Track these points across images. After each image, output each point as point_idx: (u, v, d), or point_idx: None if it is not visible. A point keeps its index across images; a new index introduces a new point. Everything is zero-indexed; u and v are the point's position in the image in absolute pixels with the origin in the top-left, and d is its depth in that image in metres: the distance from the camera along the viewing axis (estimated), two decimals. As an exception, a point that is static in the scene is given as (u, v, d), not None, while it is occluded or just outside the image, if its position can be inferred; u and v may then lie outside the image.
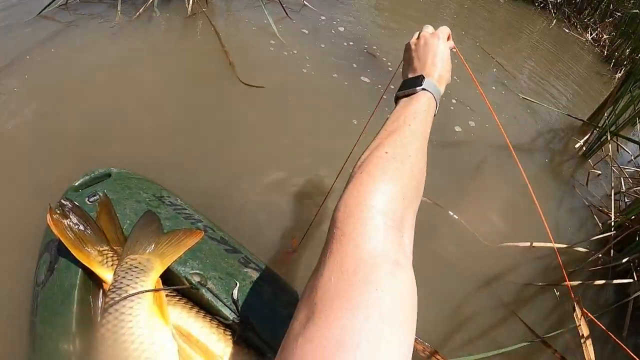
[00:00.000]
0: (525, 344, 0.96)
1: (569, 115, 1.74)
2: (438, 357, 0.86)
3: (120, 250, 0.65)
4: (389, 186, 0.41)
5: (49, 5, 1.58)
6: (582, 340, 1.00)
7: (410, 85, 0.59)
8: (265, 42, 1.67)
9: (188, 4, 1.74)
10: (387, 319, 0.30)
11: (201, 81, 1.42)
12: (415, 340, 0.88)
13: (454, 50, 0.71)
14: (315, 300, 0.32)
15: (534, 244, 1.17)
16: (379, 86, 1.59)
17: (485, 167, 1.44)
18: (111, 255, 0.64)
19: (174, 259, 0.63)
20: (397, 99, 0.59)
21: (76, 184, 0.75)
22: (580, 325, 1.00)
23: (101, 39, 1.51)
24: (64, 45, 1.43)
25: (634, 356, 0.86)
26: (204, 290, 0.61)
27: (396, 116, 0.54)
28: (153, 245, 0.65)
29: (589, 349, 0.98)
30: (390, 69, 1.78)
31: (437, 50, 0.63)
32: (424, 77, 0.59)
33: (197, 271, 0.64)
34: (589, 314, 1.03)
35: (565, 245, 1.20)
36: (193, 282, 0.62)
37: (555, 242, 1.23)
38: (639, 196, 1.43)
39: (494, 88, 1.94)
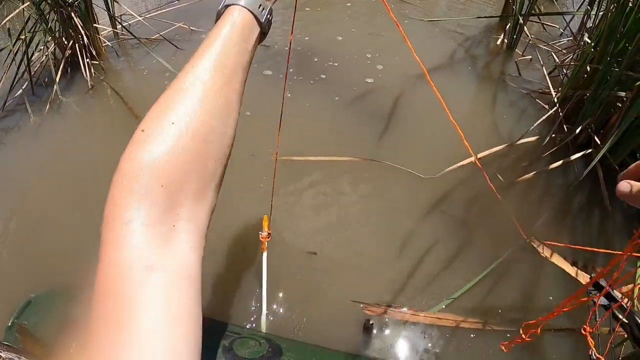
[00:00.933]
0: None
1: (479, 17, 1.69)
2: (409, 312, 0.83)
3: None
4: (143, 179, 0.34)
5: (-34, 138, 1.60)
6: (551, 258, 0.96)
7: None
8: (162, 81, 1.68)
9: (87, 77, 1.75)
10: (152, 331, 0.29)
11: (117, 148, 1.42)
12: (373, 306, 0.85)
13: None
14: (86, 327, 0.30)
15: (478, 155, 1.13)
16: (281, 76, 1.57)
17: (405, 103, 1.40)
18: None
19: None
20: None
21: (9, 323, 0.85)
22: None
23: (24, 146, 1.52)
24: None
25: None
26: None
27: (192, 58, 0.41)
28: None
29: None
30: (277, 46, 1.77)
31: None
32: None
33: None
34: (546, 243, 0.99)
35: (506, 145, 1.16)
36: None
37: (501, 144, 1.19)
38: (576, 63, 1.37)
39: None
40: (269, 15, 0.46)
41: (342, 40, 1.78)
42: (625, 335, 0.63)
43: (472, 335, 0.82)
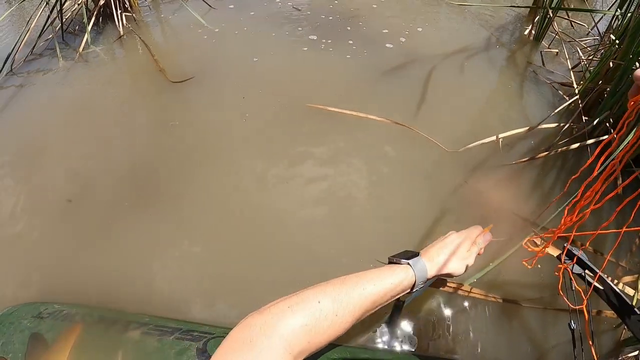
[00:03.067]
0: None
1: (511, 6, 1.72)
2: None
3: None
4: (302, 327, 0.46)
5: (-5, 78, 1.64)
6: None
7: (404, 256, 0.63)
8: (190, 36, 1.74)
9: (119, 27, 1.78)
10: None
11: (138, 100, 1.47)
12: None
13: (480, 253, 0.74)
14: None
15: (500, 135, 1.18)
16: (323, 44, 1.64)
17: (436, 76, 1.45)
18: None
19: None
20: (389, 262, 0.65)
21: None
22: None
23: (51, 89, 1.57)
24: (18, 110, 1.49)
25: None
26: None
27: (364, 274, 0.57)
28: None
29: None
30: (309, 13, 1.85)
31: (448, 241, 0.68)
32: (417, 255, 0.64)
33: None
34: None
35: (527, 128, 1.20)
36: None
37: (522, 127, 1.24)
38: (597, 59, 1.40)
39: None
40: (421, 288, 0.63)
41: (376, 7, 1.84)
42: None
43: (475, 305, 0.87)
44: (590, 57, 1.45)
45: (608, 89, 1.25)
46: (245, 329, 0.45)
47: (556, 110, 1.26)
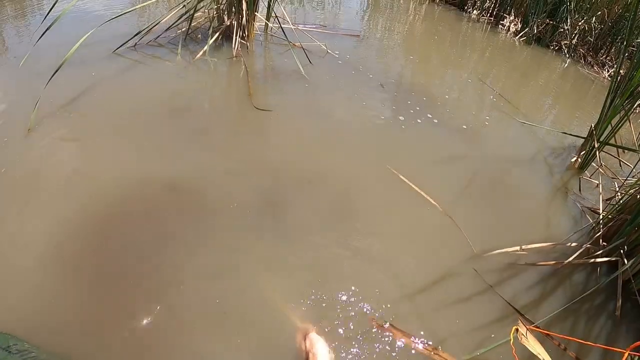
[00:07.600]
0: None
1: (564, 133, 1.90)
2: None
3: None
4: None
5: (121, 45, 2.02)
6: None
7: None
8: (287, 77, 2.06)
9: (233, 49, 2.12)
10: None
11: (224, 111, 1.81)
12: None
13: None
14: None
15: (523, 247, 1.30)
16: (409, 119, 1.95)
17: (479, 172, 1.67)
18: None
19: None
20: None
21: None
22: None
23: (162, 75, 1.91)
24: (132, 78, 1.84)
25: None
26: None
27: None
28: None
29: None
30: (396, 94, 2.14)
31: None
32: None
33: None
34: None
35: (552, 243, 1.34)
36: None
37: (546, 240, 1.36)
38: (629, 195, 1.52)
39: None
40: None
41: (447, 98, 2.12)
42: None
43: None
44: (624, 193, 1.58)
45: (628, 218, 1.36)
46: None
47: (577, 230, 1.40)
